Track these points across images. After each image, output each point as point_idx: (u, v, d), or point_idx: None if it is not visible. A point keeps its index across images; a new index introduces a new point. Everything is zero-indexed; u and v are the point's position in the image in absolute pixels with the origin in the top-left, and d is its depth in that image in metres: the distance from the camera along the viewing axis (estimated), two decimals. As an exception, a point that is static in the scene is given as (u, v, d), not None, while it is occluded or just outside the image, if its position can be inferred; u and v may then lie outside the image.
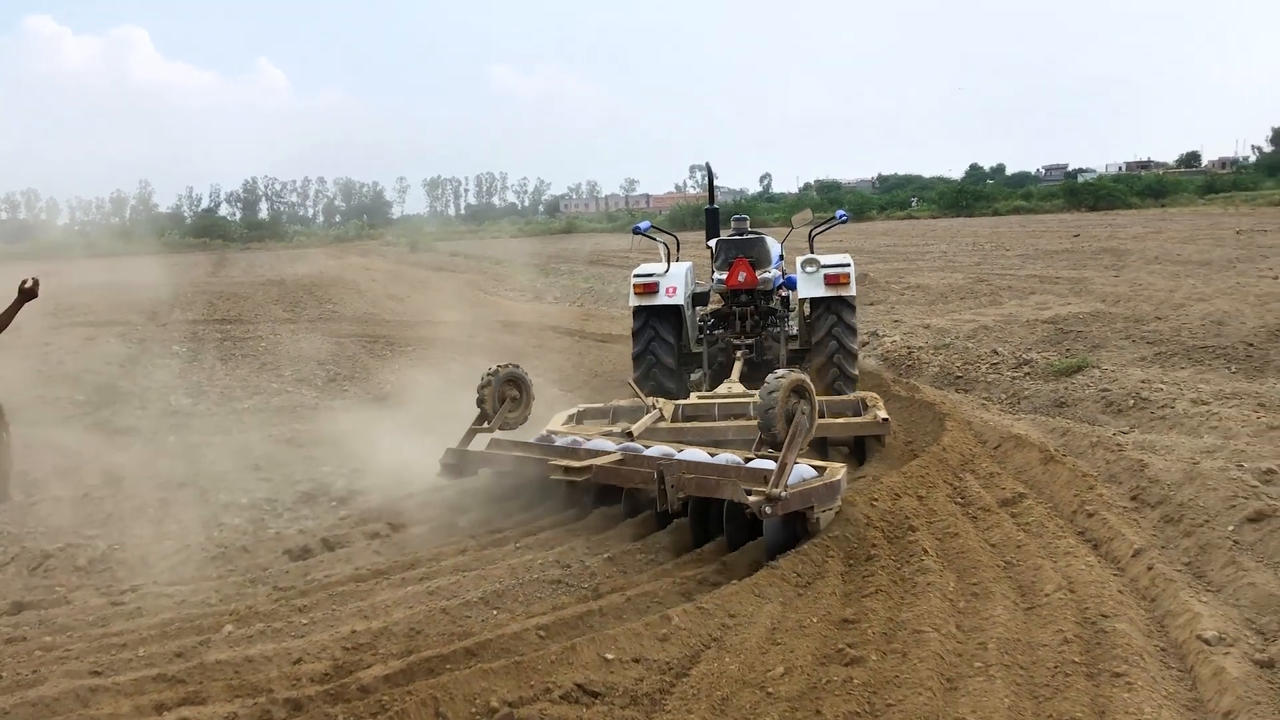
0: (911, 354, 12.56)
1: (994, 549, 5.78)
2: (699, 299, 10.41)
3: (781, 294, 10.06)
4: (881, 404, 8.08)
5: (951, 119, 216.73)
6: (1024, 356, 11.46)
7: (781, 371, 6.19)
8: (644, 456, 6.54)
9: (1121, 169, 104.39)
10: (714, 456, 6.46)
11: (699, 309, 10.38)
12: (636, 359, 9.55)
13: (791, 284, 9.83)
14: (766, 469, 5.89)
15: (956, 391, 10.85)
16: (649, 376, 9.33)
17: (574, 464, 6.43)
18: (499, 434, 7.40)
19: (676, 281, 9.53)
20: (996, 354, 11.79)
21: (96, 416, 10.88)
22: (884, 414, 7.78)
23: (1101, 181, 66.99)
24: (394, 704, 4.01)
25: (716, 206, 11.58)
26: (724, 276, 9.73)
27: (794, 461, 5.82)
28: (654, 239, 10.61)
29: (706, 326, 10.00)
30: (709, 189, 12.20)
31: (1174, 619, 4.73)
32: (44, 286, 7.76)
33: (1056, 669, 4.20)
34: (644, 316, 9.53)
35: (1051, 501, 6.66)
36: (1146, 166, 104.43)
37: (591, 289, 24.28)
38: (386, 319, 20.11)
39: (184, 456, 8.84)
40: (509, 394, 7.51)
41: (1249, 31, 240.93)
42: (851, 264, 9.34)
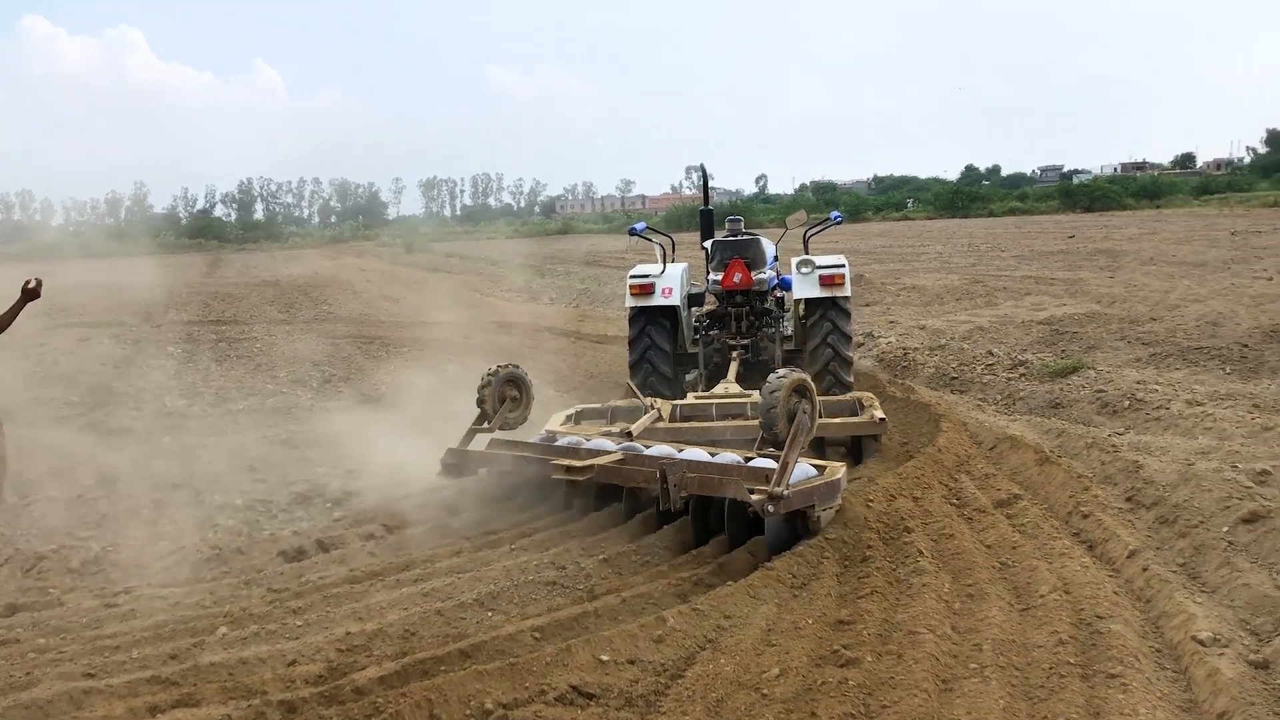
0: (907, 355, 12.57)
1: (989, 550, 5.79)
2: (695, 300, 10.42)
3: (776, 295, 10.08)
4: (878, 404, 8.09)
5: (947, 120, 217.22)
6: (1019, 357, 11.47)
7: (783, 371, 6.21)
8: (646, 456, 6.57)
9: (1117, 170, 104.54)
10: (715, 456, 6.47)
11: (694, 309, 10.39)
12: (632, 359, 9.55)
13: (786, 285, 9.85)
14: (768, 468, 5.91)
15: (952, 392, 10.86)
16: (645, 377, 9.33)
17: (576, 463, 6.44)
18: (499, 434, 7.40)
19: (672, 282, 9.54)
20: (992, 355, 11.80)
21: (91, 417, 10.86)
22: (880, 414, 7.79)
23: (1097, 183, 67.08)
24: (388, 706, 4.01)
25: (711, 207, 11.58)
26: (719, 277, 9.73)
27: (796, 460, 5.84)
28: (650, 240, 10.61)
29: (702, 327, 10.01)
30: (703, 190, 12.21)
31: (1169, 620, 4.74)
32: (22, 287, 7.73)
33: (1051, 670, 4.20)
34: (640, 317, 9.54)
35: (1047, 503, 6.67)
36: (1141, 168, 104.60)
37: (587, 290, 24.27)
38: (382, 320, 20.09)
39: (178, 458, 8.83)
40: (509, 394, 7.52)
41: (1245, 33, 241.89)
42: (846, 265, 9.37)
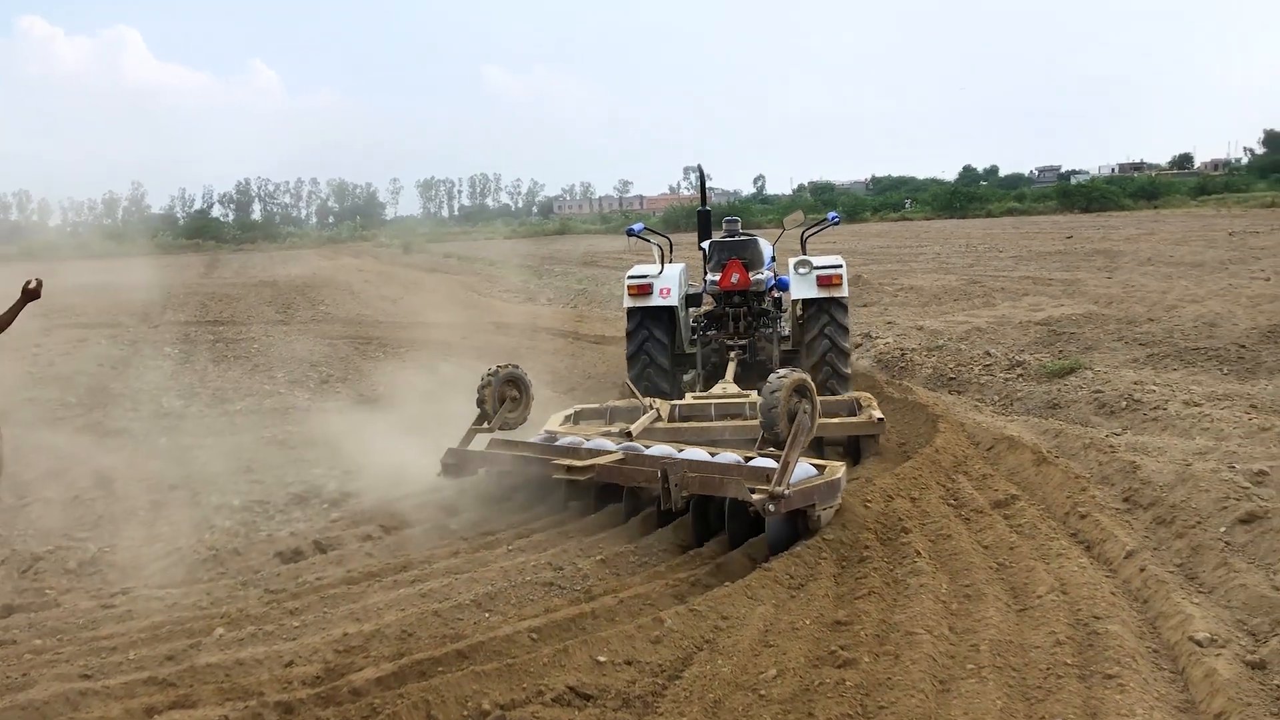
0: (905, 355, 12.56)
1: (987, 551, 5.79)
2: (692, 300, 10.44)
3: (774, 295, 10.10)
4: (875, 404, 8.10)
5: (945, 121, 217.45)
6: (1017, 358, 11.47)
7: (784, 371, 6.24)
8: (647, 456, 6.60)
9: (1114, 171, 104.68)
10: (715, 456, 6.50)
11: (692, 310, 10.41)
12: (631, 360, 9.55)
13: (783, 285, 9.86)
14: (768, 467, 5.93)
15: (949, 393, 10.86)
16: (643, 377, 9.34)
17: (577, 463, 6.46)
18: (499, 434, 7.42)
19: (670, 283, 9.54)
20: (989, 355, 11.80)
21: (88, 418, 10.84)
22: (879, 414, 7.80)
23: (1094, 183, 67.13)
24: (385, 707, 4.01)
25: (708, 208, 11.60)
26: (717, 278, 9.74)
27: (797, 460, 5.86)
28: (648, 240, 10.63)
29: (700, 327, 10.02)
30: (700, 191, 12.22)
31: (1166, 620, 4.74)
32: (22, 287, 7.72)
33: (1049, 671, 4.20)
34: (638, 318, 9.55)
35: (1044, 503, 6.67)
36: (1139, 168, 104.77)
37: (585, 290, 24.25)
38: (379, 320, 20.09)
39: (175, 458, 8.81)
40: (509, 394, 7.55)
41: (1242, 34, 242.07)
42: (844, 265, 9.39)
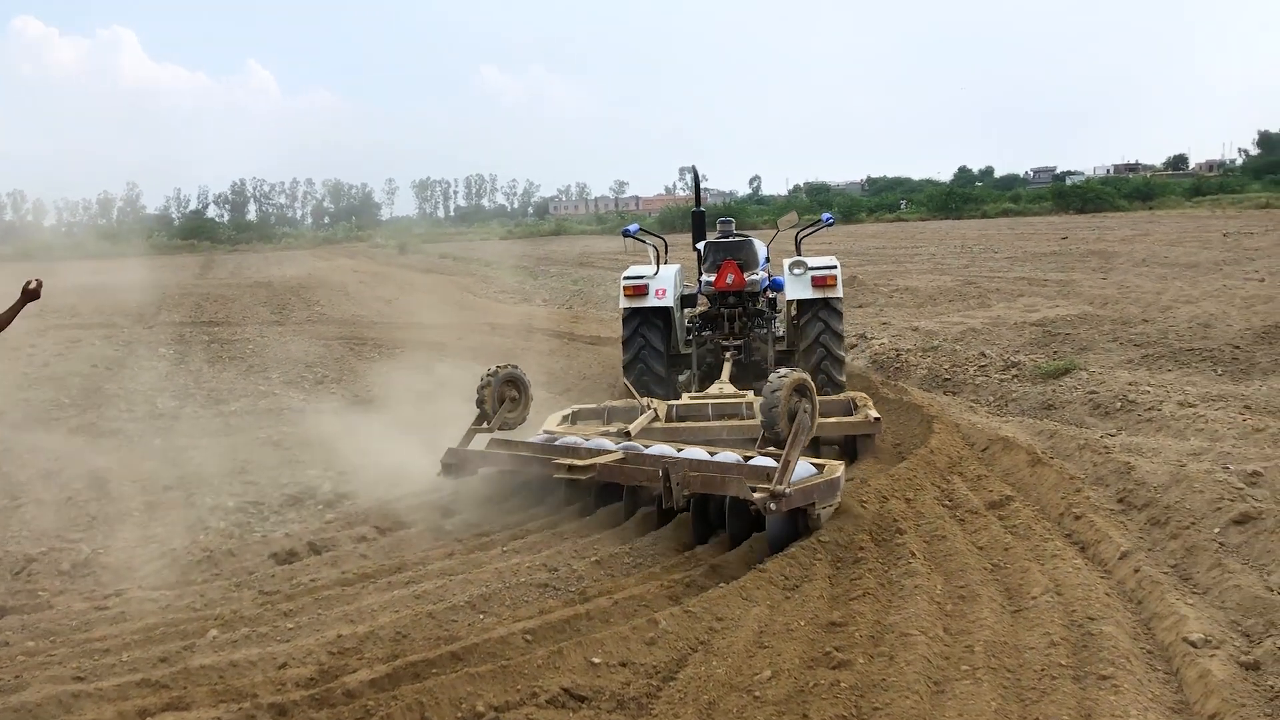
0: (900, 356, 12.57)
1: (981, 551, 5.79)
2: (687, 301, 10.47)
3: (768, 296, 10.12)
4: (871, 403, 8.12)
5: (941, 121, 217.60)
6: (1012, 359, 11.48)
7: (784, 370, 6.27)
8: (648, 455, 6.64)
9: (1110, 172, 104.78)
10: (715, 455, 6.54)
11: (687, 311, 10.43)
12: (626, 360, 9.59)
13: (778, 286, 9.89)
14: (768, 466, 5.96)
15: (944, 394, 10.86)
16: (639, 378, 9.36)
17: (578, 463, 6.48)
18: (498, 434, 7.43)
19: (666, 283, 9.58)
20: (984, 356, 11.81)
21: (82, 419, 10.81)
22: (875, 413, 7.81)
23: (1089, 184, 67.13)
24: (379, 709, 4.00)
25: (703, 209, 11.62)
26: (712, 279, 9.76)
27: (797, 459, 5.88)
28: (643, 241, 10.67)
29: (695, 328, 10.05)
30: (695, 192, 12.24)
31: (1160, 621, 4.74)
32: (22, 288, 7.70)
33: (1043, 672, 4.20)
34: (634, 318, 9.59)
35: (1039, 504, 6.67)
36: (1134, 169, 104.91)
37: (580, 291, 24.25)
38: (374, 321, 20.07)
39: (170, 459, 8.79)
40: (508, 394, 7.58)
41: (1237, 35, 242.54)
42: (838, 266, 9.43)
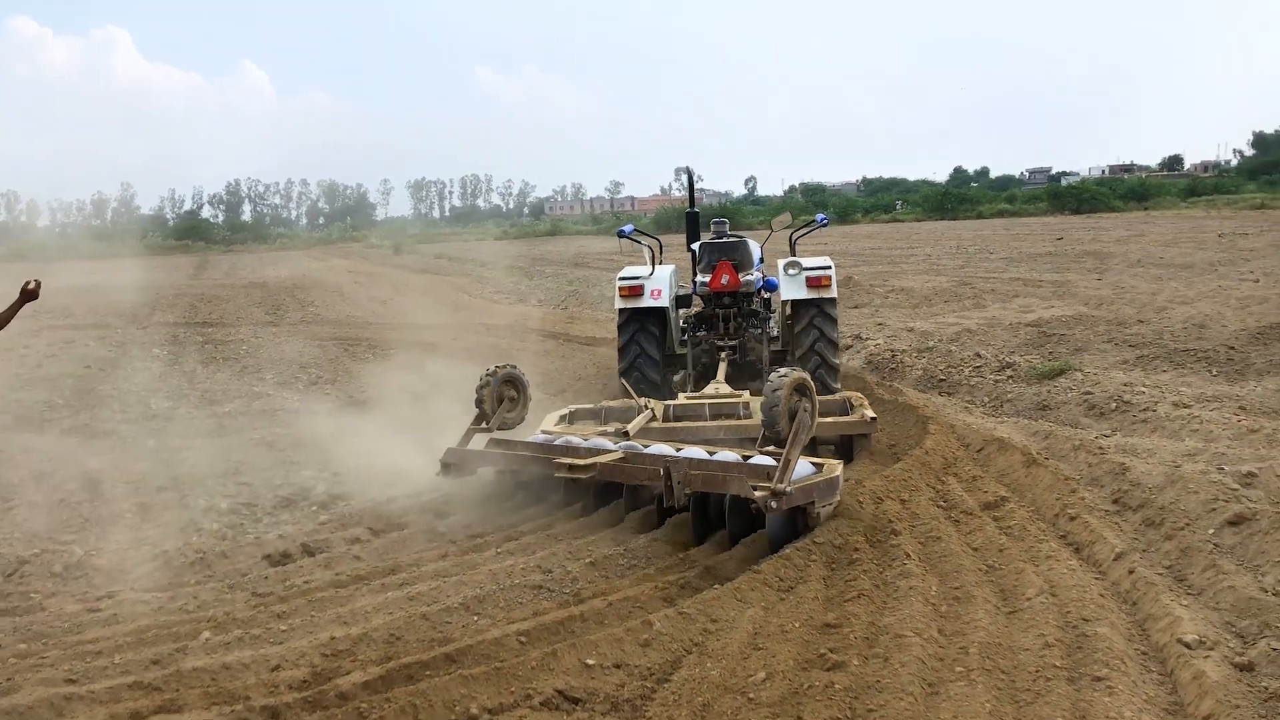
0: (895, 357, 12.57)
1: (976, 553, 5.79)
2: (682, 301, 10.48)
3: (763, 296, 10.13)
4: (867, 403, 8.13)
5: (937, 122, 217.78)
6: (1007, 359, 11.49)
7: (784, 370, 6.30)
8: (648, 454, 6.66)
9: (1105, 172, 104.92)
10: (714, 454, 6.55)
11: (682, 311, 10.45)
12: (622, 361, 9.62)
13: (772, 286, 9.91)
14: (767, 465, 5.98)
15: (940, 394, 10.87)
16: (634, 378, 9.37)
17: (579, 462, 6.48)
18: (497, 434, 7.44)
19: (661, 284, 9.62)
20: (980, 357, 11.81)
21: (75, 420, 10.77)
22: (871, 413, 7.83)
23: (1085, 185, 67.18)
24: (373, 711, 3.99)
25: (697, 210, 11.63)
26: (707, 279, 9.77)
27: (797, 458, 5.90)
28: (638, 242, 10.68)
29: (690, 328, 10.06)
30: (689, 193, 12.25)
31: (1155, 622, 4.74)
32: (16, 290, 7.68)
33: (1038, 673, 4.20)
34: (629, 319, 9.62)
35: (1034, 505, 6.67)
36: (1129, 170, 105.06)
37: (576, 292, 24.24)
38: (369, 322, 20.03)
39: (163, 461, 8.77)
40: (507, 394, 7.61)
41: (1232, 36, 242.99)
42: (833, 266, 9.48)
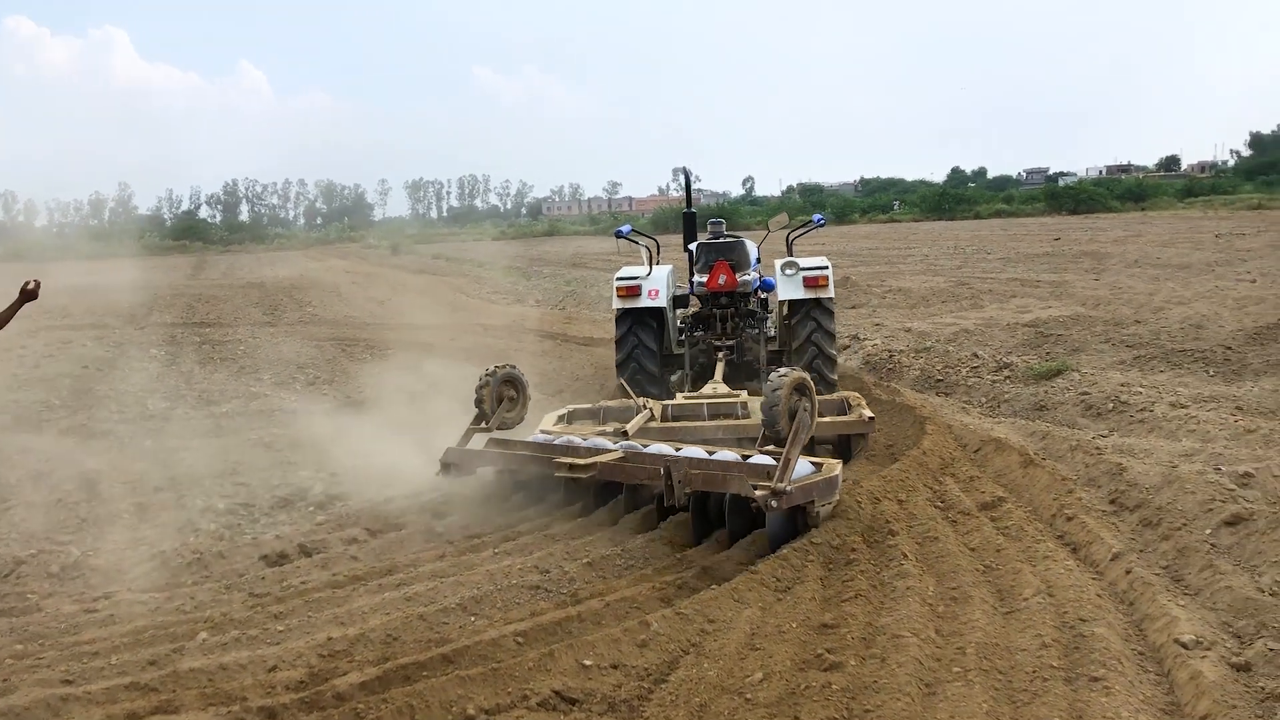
0: (892, 357, 12.58)
1: (973, 553, 5.79)
2: (679, 301, 10.49)
3: (760, 296, 10.14)
4: (864, 403, 8.13)
5: (934, 123, 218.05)
6: (1004, 360, 11.50)
7: (784, 370, 6.33)
8: (649, 454, 6.67)
9: (1102, 173, 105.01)
10: (714, 454, 6.57)
11: (679, 311, 10.46)
12: (619, 360, 9.63)
13: (769, 286, 9.93)
14: (767, 464, 6.00)
15: (937, 395, 10.87)
16: (632, 378, 9.38)
17: (579, 461, 6.50)
18: (496, 434, 7.45)
19: (659, 284, 9.62)
20: (977, 357, 11.82)
21: (72, 420, 10.76)
22: (869, 413, 7.83)
23: (1082, 185, 67.22)
24: (369, 712, 3.99)
25: (694, 211, 11.64)
26: (704, 279, 9.78)
27: (797, 457, 5.93)
28: (636, 242, 10.69)
29: (687, 328, 10.08)
30: (686, 194, 12.25)
31: (1152, 623, 4.74)
32: (15, 290, 7.67)
33: (1035, 673, 4.20)
34: (627, 319, 9.63)
35: (1031, 505, 6.67)
36: (1127, 170, 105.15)
37: (573, 292, 24.24)
38: (366, 322, 20.02)
39: (160, 461, 8.76)
40: (506, 394, 7.62)
41: (1229, 37, 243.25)
42: (830, 266, 9.50)
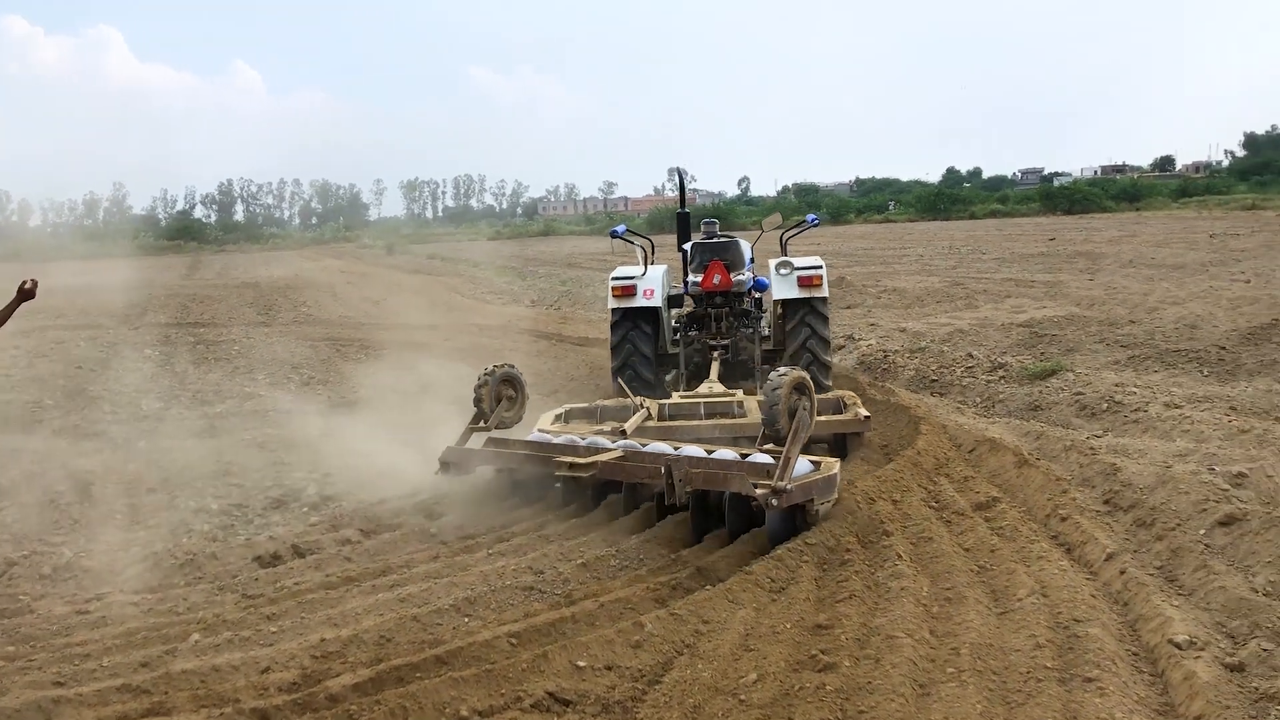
0: (887, 357, 12.58)
1: (968, 553, 5.79)
2: (673, 301, 10.51)
3: (754, 296, 10.15)
4: (860, 402, 8.15)
5: (929, 123, 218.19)
6: (999, 360, 11.50)
7: (784, 369, 6.35)
8: (649, 453, 6.69)
9: (1097, 173, 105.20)
10: (713, 453, 6.58)
11: (674, 311, 10.47)
12: (615, 360, 9.66)
13: (762, 286, 9.97)
14: (766, 463, 6.03)
15: (932, 395, 10.87)
16: (628, 377, 9.40)
17: (580, 460, 6.50)
18: (494, 433, 7.46)
19: (654, 284, 9.65)
20: (972, 357, 11.83)
21: (66, 421, 10.73)
22: (864, 411, 7.85)
23: (1077, 185, 67.40)
24: (362, 713, 3.98)
25: (687, 210, 11.66)
26: (699, 279, 9.80)
27: (797, 456, 5.95)
28: (631, 242, 10.71)
29: (681, 328, 10.09)
30: (680, 194, 12.27)
31: (1146, 623, 4.74)
32: (11, 289, 7.64)
33: (1029, 674, 4.20)
34: (622, 318, 9.67)
35: (1025, 505, 6.67)
36: (1121, 170, 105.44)
37: (568, 292, 24.23)
38: (361, 322, 19.99)
39: (154, 461, 8.73)
40: (505, 394, 7.62)
41: (1223, 37, 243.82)
42: (824, 266, 9.54)
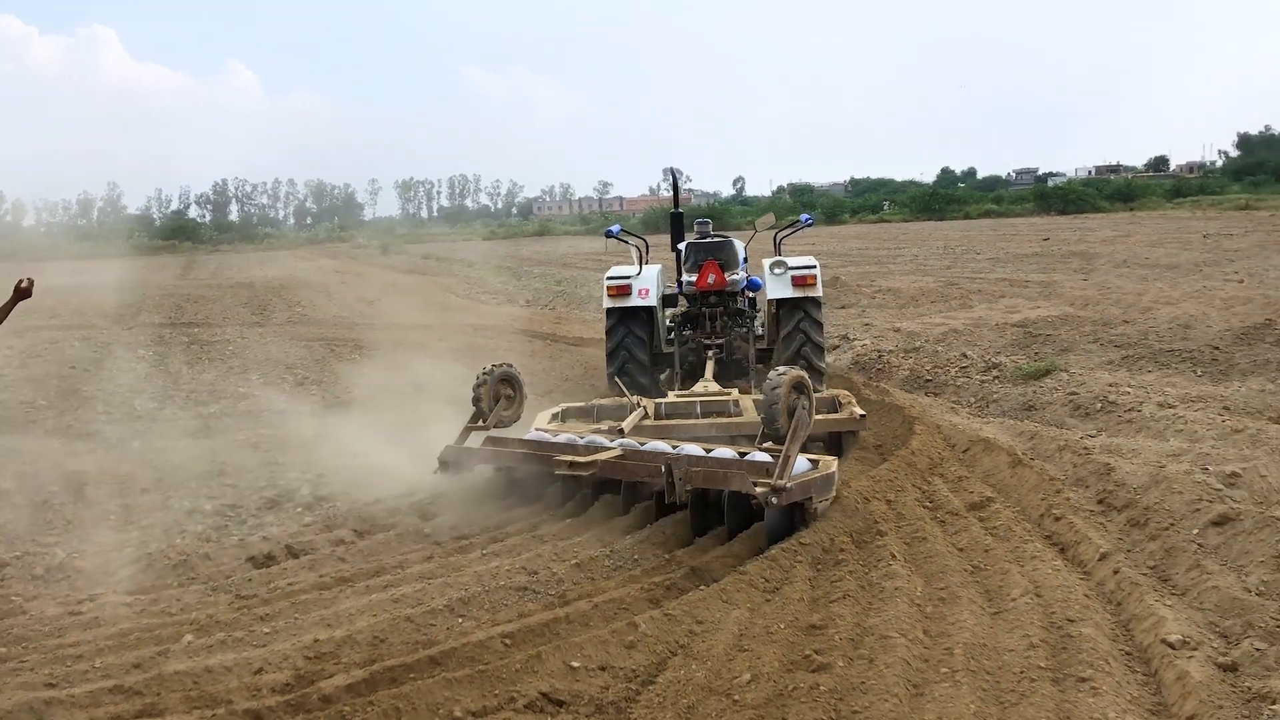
0: (882, 357, 12.59)
1: (961, 553, 5.79)
2: (668, 301, 10.52)
3: (748, 295, 10.17)
4: (855, 401, 8.16)
5: (924, 123, 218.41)
6: (993, 360, 11.52)
7: (783, 369, 6.38)
8: (648, 451, 6.70)
9: (1091, 173, 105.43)
10: (711, 451, 6.60)
11: (668, 310, 10.48)
12: (610, 359, 9.67)
13: (755, 285, 9.99)
14: (765, 462, 6.05)
15: (926, 395, 10.89)
16: (623, 376, 9.40)
17: (581, 459, 6.51)
18: (492, 432, 7.46)
19: (648, 283, 9.68)
20: (966, 357, 11.84)
21: (59, 421, 10.70)
22: (860, 410, 7.86)
23: (1071, 185, 67.53)
24: (356, 714, 3.97)
25: (681, 211, 11.66)
26: (693, 279, 9.81)
27: (796, 454, 5.97)
28: (626, 242, 10.72)
29: (676, 327, 10.10)
30: (674, 194, 12.27)
31: (1139, 623, 4.75)
32: (6, 289, 7.63)
33: (1022, 674, 4.20)
34: (617, 317, 9.69)
35: (1019, 505, 6.68)
36: (1116, 170, 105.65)
37: (563, 292, 24.23)
38: (356, 322, 19.95)
39: (147, 462, 8.71)
40: (503, 393, 7.63)
41: (1218, 37, 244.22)
42: (818, 266, 9.57)
